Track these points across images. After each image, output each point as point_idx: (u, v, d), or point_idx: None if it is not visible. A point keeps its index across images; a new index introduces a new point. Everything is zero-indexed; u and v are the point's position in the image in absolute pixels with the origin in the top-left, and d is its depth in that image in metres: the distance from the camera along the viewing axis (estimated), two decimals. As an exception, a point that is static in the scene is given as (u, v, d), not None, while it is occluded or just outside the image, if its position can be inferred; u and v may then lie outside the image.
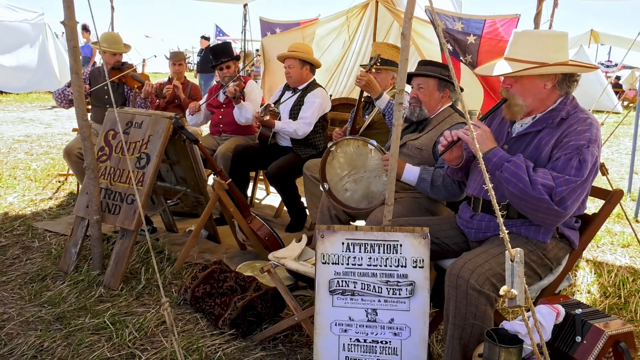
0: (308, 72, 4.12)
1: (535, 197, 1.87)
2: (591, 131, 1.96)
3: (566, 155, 1.93)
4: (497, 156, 1.97)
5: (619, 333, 1.67)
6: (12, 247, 3.50)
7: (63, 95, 4.29)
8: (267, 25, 5.98)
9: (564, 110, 2.04)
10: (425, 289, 2.02)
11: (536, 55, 2.01)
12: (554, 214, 1.90)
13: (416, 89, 2.84)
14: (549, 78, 2.04)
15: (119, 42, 4.50)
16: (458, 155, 2.25)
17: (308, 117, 3.95)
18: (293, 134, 3.97)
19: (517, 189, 1.90)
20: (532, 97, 2.06)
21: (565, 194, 1.87)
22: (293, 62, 4.05)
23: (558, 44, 2.03)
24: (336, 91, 6.03)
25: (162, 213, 3.90)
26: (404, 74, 1.96)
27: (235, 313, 2.52)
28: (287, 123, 3.99)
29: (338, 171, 2.83)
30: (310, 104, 3.98)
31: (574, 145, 1.93)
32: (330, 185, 2.86)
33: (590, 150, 1.92)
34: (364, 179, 2.74)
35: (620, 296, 3.10)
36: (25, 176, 5.40)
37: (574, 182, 1.88)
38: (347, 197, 2.81)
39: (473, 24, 4.01)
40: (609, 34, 13.51)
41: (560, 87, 2.05)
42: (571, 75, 2.05)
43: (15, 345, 2.36)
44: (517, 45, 2.08)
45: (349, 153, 2.78)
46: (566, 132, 1.98)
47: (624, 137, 10.59)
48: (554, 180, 1.88)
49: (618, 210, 4.21)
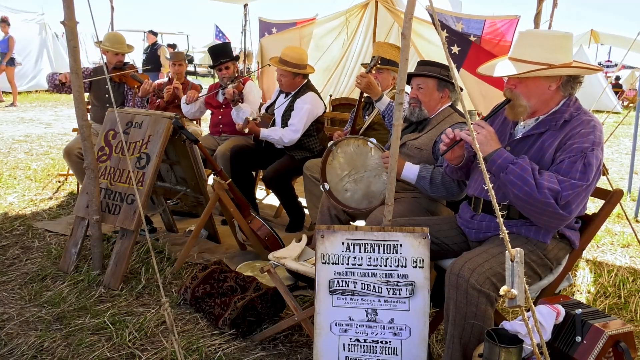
0: (300, 79, 4.07)
1: (541, 201, 1.85)
2: (595, 134, 1.95)
3: (570, 158, 1.91)
4: (502, 158, 1.96)
5: (619, 333, 1.67)
6: (12, 247, 3.50)
7: (52, 79, 4.30)
8: (265, 25, 5.98)
9: (567, 112, 2.03)
10: (425, 289, 2.02)
11: (542, 56, 1.99)
12: (558, 218, 1.90)
13: (415, 89, 2.83)
14: (554, 80, 2.03)
15: (122, 42, 4.51)
16: (459, 155, 2.25)
17: (295, 124, 3.91)
18: (279, 141, 3.95)
19: (523, 192, 1.88)
20: (537, 98, 2.05)
21: (570, 198, 1.86)
22: (285, 72, 4.02)
23: (563, 45, 2.02)
24: (336, 91, 6.03)
25: (162, 213, 3.90)
26: (404, 74, 1.96)
27: (235, 313, 2.52)
28: (274, 130, 3.97)
29: (338, 171, 2.83)
30: (298, 110, 3.94)
31: (578, 148, 1.92)
32: (331, 186, 2.86)
33: (594, 154, 1.91)
34: (364, 179, 2.74)
35: (620, 296, 3.09)
36: (25, 176, 5.40)
37: (579, 187, 1.87)
38: (348, 197, 2.81)
39: (473, 25, 4.01)
40: (609, 34, 13.50)
41: (564, 88, 2.05)
42: (576, 77, 2.05)
43: (15, 345, 2.36)
44: (522, 46, 2.06)
45: (349, 153, 2.78)
46: (570, 134, 1.97)
47: (624, 137, 10.59)
48: (559, 184, 1.86)
49: (618, 210, 4.21)
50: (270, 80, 5.68)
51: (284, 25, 5.76)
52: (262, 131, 3.95)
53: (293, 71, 3.99)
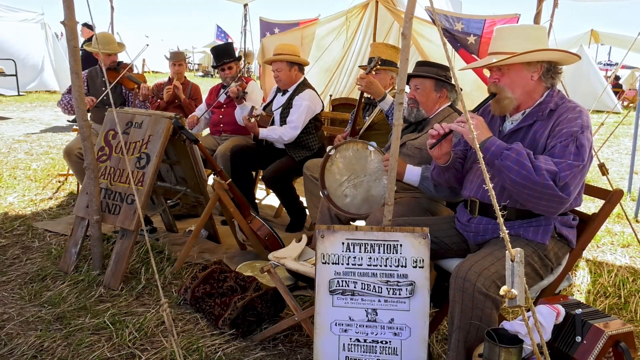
0: (297, 73, 4.09)
1: (540, 183, 1.84)
2: (582, 118, 1.98)
3: (562, 142, 1.93)
4: (495, 145, 1.95)
5: (619, 333, 1.67)
6: (12, 247, 3.49)
7: (70, 105, 4.28)
8: (266, 25, 5.98)
9: (551, 102, 2.06)
10: (425, 289, 2.02)
11: (520, 46, 2.05)
12: (557, 201, 1.88)
13: (413, 89, 2.84)
14: (535, 68, 2.07)
15: (112, 42, 4.49)
16: (446, 152, 2.21)
17: (294, 121, 3.92)
18: (279, 140, 3.96)
19: (520, 175, 1.87)
20: (521, 89, 2.08)
21: (568, 179, 1.86)
22: (280, 65, 4.03)
23: (539, 35, 2.10)
24: (336, 91, 6.03)
25: (162, 213, 3.90)
26: (404, 74, 1.96)
27: (235, 313, 2.52)
28: (273, 130, 3.97)
29: (337, 177, 2.82)
30: (297, 107, 3.95)
31: (568, 132, 1.94)
32: (330, 192, 2.85)
33: (585, 135, 1.93)
34: (364, 184, 2.74)
35: (620, 296, 3.09)
36: (25, 176, 5.41)
37: (575, 167, 1.87)
38: (347, 203, 2.80)
39: (473, 24, 4.01)
40: (609, 34, 13.49)
41: (545, 78, 2.08)
42: (555, 67, 2.09)
43: (15, 345, 2.36)
44: (499, 39, 2.14)
45: (348, 157, 2.77)
46: (558, 120, 2.00)
47: (624, 137, 10.59)
48: (556, 166, 1.87)
49: (618, 210, 4.21)
50: (272, 81, 5.68)
51: (286, 26, 5.78)
52: (261, 131, 3.95)
53: (287, 59, 3.99)
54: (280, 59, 4.01)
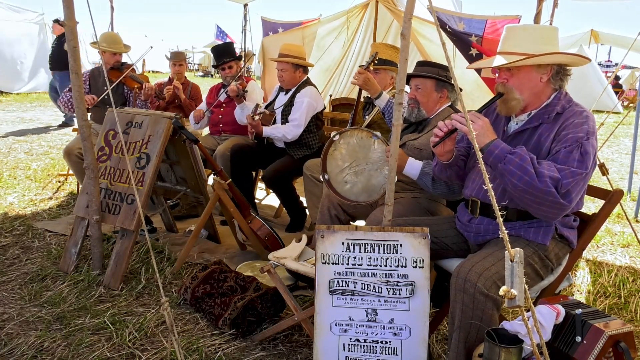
0: (301, 74, 4.09)
1: (542, 190, 1.83)
2: (588, 123, 1.96)
3: (566, 148, 1.91)
4: (499, 148, 1.94)
5: (619, 333, 1.67)
6: (12, 247, 3.49)
7: (70, 103, 4.28)
8: (269, 25, 5.98)
9: (558, 105, 2.04)
10: (425, 289, 2.02)
11: (530, 47, 2.02)
12: (558, 207, 1.87)
13: (414, 89, 2.83)
14: (545, 71, 2.04)
15: (119, 42, 4.50)
16: (449, 150, 2.20)
17: (297, 119, 3.92)
18: (282, 138, 3.96)
19: (523, 181, 1.86)
20: (529, 91, 2.06)
21: (570, 187, 1.85)
22: (286, 65, 4.03)
23: (550, 36, 2.07)
24: (336, 91, 6.03)
25: (162, 213, 3.90)
26: (404, 74, 1.96)
27: (235, 313, 2.52)
28: (275, 128, 3.97)
29: (339, 162, 2.80)
30: (299, 104, 3.95)
31: (573, 138, 1.92)
32: (331, 177, 2.83)
33: (590, 142, 1.92)
34: (365, 172, 2.72)
35: (620, 296, 3.09)
36: (25, 176, 5.41)
37: (579, 174, 1.86)
38: (347, 189, 2.78)
39: (475, 24, 4.02)
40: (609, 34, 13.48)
41: (554, 80, 2.06)
42: (565, 69, 2.07)
43: (15, 345, 2.36)
44: (510, 39, 2.09)
45: (352, 144, 2.75)
46: (564, 125, 1.98)
47: (624, 137, 10.59)
48: (559, 172, 1.85)
49: (618, 210, 4.21)
50: (273, 81, 5.69)
51: (289, 25, 5.78)
52: (264, 129, 3.96)
53: (294, 62, 3.99)
54: (288, 60, 4.00)
